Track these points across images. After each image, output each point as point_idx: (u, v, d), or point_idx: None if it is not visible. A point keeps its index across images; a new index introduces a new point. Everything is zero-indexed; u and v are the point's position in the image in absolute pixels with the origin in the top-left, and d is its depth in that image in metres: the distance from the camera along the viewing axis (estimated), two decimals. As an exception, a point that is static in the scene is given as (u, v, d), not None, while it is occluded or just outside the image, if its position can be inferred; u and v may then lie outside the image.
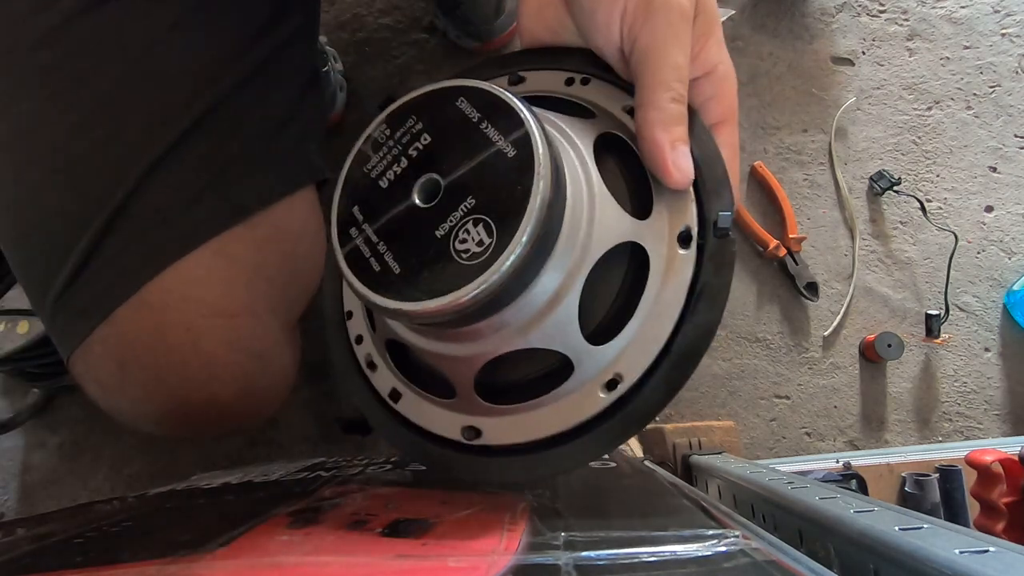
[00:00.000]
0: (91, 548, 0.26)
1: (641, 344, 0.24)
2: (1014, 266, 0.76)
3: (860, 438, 0.73)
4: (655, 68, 0.26)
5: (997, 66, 0.79)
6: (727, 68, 0.29)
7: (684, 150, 0.25)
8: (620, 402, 0.24)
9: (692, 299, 0.24)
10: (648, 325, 0.24)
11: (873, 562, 0.24)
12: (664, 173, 0.25)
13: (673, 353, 0.24)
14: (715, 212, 0.25)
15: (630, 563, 0.19)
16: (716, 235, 0.25)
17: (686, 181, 0.25)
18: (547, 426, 0.25)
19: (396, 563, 0.20)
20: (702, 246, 0.25)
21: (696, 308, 0.24)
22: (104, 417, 0.40)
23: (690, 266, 0.24)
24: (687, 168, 0.25)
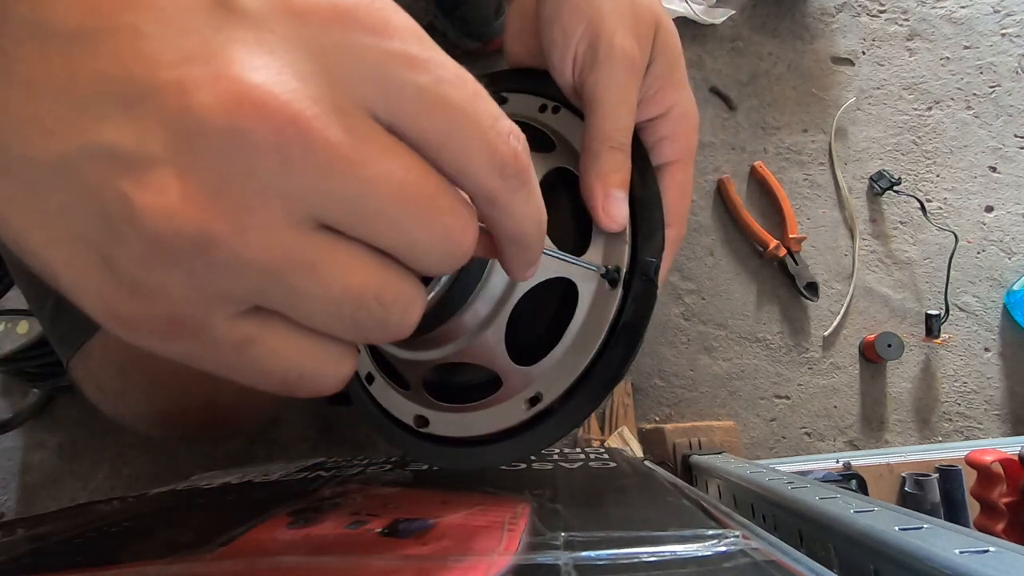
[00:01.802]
0: (91, 548, 0.26)
1: (562, 370, 0.27)
2: (1014, 266, 0.76)
3: (860, 438, 0.73)
4: (597, 117, 0.27)
5: (997, 66, 0.79)
6: (684, 109, 0.30)
7: (618, 196, 0.26)
8: (539, 417, 0.27)
9: (612, 336, 0.26)
10: (570, 354, 0.27)
11: (873, 562, 0.24)
12: (595, 218, 0.27)
13: (588, 382, 0.26)
14: (643, 257, 0.27)
15: (630, 563, 0.19)
16: (641, 279, 0.27)
17: (617, 226, 0.27)
18: (480, 427, 0.28)
19: (396, 563, 0.20)
20: (628, 286, 0.27)
21: (614, 344, 0.26)
22: (104, 418, 0.40)
23: (614, 304, 0.26)
24: (617, 214, 0.26)
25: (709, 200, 0.76)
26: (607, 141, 0.27)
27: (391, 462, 0.42)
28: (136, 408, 0.38)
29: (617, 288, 0.27)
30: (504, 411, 0.28)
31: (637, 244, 0.27)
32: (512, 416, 0.27)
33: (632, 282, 0.27)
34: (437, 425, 0.30)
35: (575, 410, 0.26)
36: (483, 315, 0.27)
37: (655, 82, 0.29)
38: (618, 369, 0.26)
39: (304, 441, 0.72)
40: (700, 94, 0.78)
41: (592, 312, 0.27)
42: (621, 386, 0.71)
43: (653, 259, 0.27)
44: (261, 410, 0.42)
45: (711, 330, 0.74)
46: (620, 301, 0.26)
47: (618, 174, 0.27)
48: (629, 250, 0.27)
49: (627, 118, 0.27)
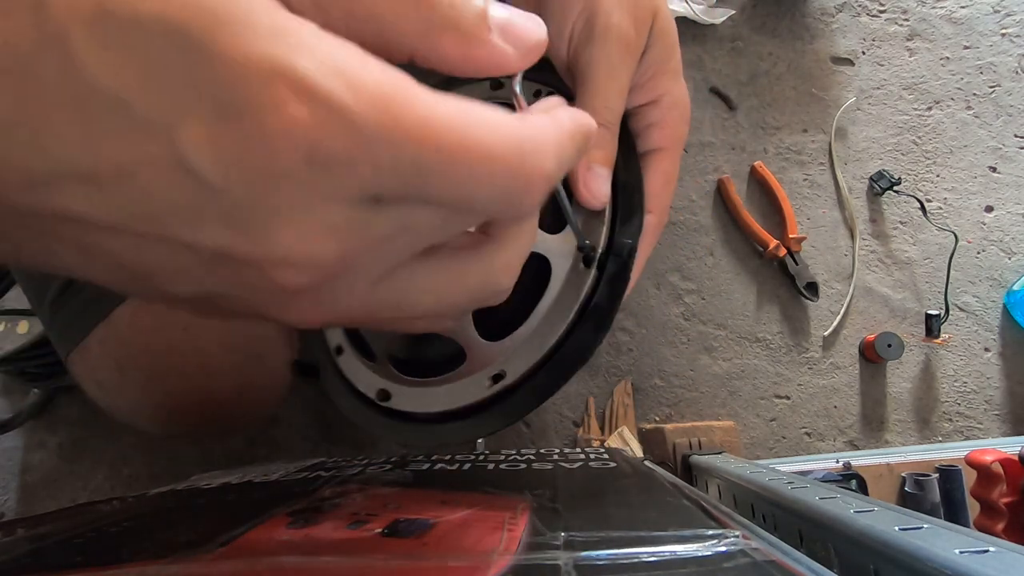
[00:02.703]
0: (91, 548, 0.26)
1: (527, 348, 0.27)
2: (1014, 266, 0.76)
3: (860, 438, 0.73)
4: (586, 92, 0.27)
5: (997, 66, 0.79)
6: (675, 98, 0.30)
7: (600, 173, 0.26)
8: (501, 395, 0.27)
9: (582, 317, 0.26)
10: (538, 332, 0.27)
11: (873, 562, 0.24)
12: (575, 191, 0.27)
13: (553, 362, 0.26)
14: (620, 238, 0.27)
15: (630, 563, 0.19)
16: (615, 260, 0.26)
17: (597, 202, 0.26)
18: (441, 402, 0.28)
19: (396, 563, 0.20)
20: (602, 268, 0.26)
21: (583, 325, 0.26)
22: (104, 417, 0.40)
23: (587, 284, 0.26)
24: (598, 190, 0.26)
25: (709, 200, 0.76)
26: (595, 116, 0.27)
27: (391, 462, 0.42)
28: (134, 403, 0.38)
29: (591, 268, 0.26)
30: (466, 387, 0.28)
31: (615, 226, 0.27)
32: (473, 393, 0.27)
33: (607, 263, 0.26)
34: (399, 399, 0.29)
35: (536, 391, 0.26)
36: None
37: (649, 69, 0.29)
38: (584, 351, 0.26)
39: (304, 441, 0.72)
40: (700, 94, 0.78)
41: (564, 291, 0.27)
42: (621, 386, 0.71)
43: (629, 241, 0.26)
44: (261, 407, 0.42)
45: (711, 330, 0.74)
46: (593, 282, 0.26)
47: (602, 151, 0.27)
48: (607, 231, 0.27)
49: (616, 97, 0.27)
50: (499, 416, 0.27)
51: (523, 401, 0.26)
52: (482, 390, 0.27)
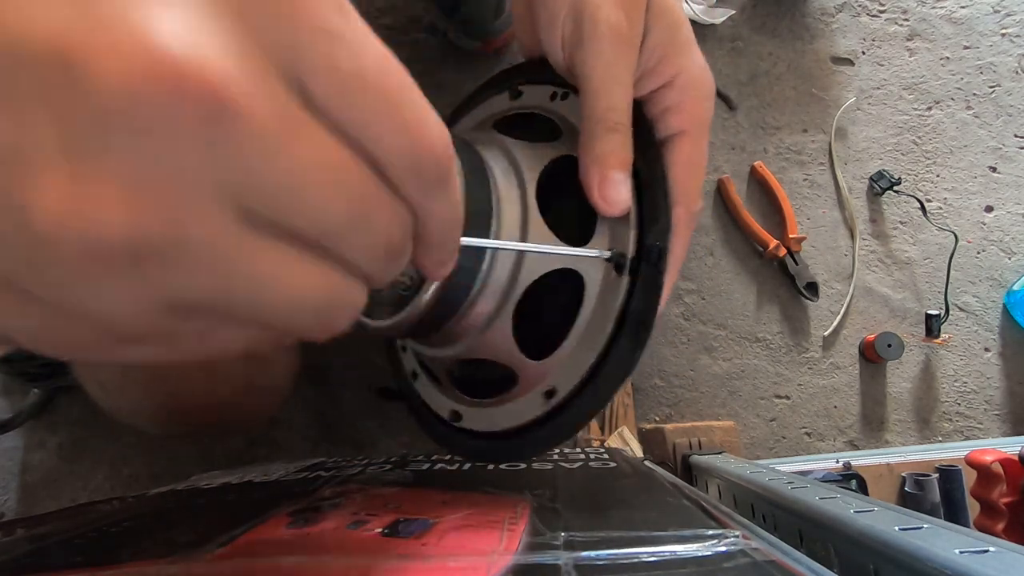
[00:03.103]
0: (91, 548, 0.26)
1: (573, 363, 0.26)
2: (1014, 266, 0.76)
3: (860, 438, 0.73)
4: (588, 97, 0.26)
5: (997, 66, 0.79)
6: (690, 76, 0.27)
7: (616, 178, 0.25)
8: (555, 410, 0.27)
9: (621, 326, 0.26)
10: (581, 345, 0.26)
11: (873, 562, 0.24)
12: (593, 203, 0.26)
13: (600, 374, 0.26)
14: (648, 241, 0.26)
15: (630, 563, 0.19)
16: (645, 263, 0.26)
17: (615, 210, 0.26)
18: (504, 421, 0.28)
19: (396, 563, 0.20)
20: (635, 273, 0.26)
21: (620, 336, 0.26)
22: (104, 417, 0.40)
23: (621, 293, 0.26)
24: (616, 198, 0.25)
25: (709, 200, 0.76)
26: (601, 122, 0.25)
27: (391, 462, 0.42)
28: (136, 404, 0.38)
29: (623, 275, 0.26)
30: (523, 405, 0.28)
31: (643, 228, 0.26)
32: (530, 411, 0.27)
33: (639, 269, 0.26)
34: (469, 420, 0.30)
35: (588, 403, 0.26)
36: (489, 311, 0.27)
37: (655, 51, 0.27)
38: (627, 360, 0.25)
39: (304, 441, 0.72)
40: (700, 94, 0.78)
41: (600, 302, 0.26)
42: (621, 386, 0.71)
43: (657, 243, 0.25)
44: (263, 409, 0.42)
45: (711, 330, 0.74)
46: (627, 289, 0.26)
47: (615, 155, 0.25)
48: (635, 235, 0.26)
49: (620, 96, 0.26)
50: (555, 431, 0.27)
51: (575, 415, 0.26)
52: (537, 407, 0.27)
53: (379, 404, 0.72)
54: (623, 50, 0.26)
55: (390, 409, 0.72)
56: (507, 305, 0.27)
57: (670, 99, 0.28)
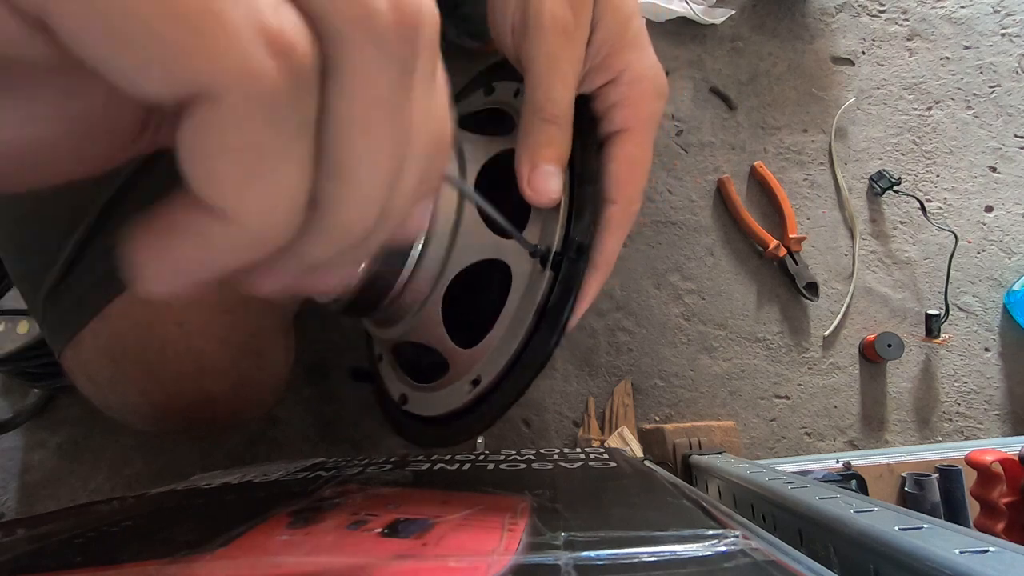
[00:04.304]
0: (91, 548, 0.26)
1: (498, 354, 0.27)
2: (1014, 266, 0.76)
3: (860, 438, 0.73)
4: (528, 88, 0.26)
5: (997, 66, 0.79)
6: (637, 72, 0.27)
7: (547, 170, 0.25)
8: (478, 399, 0.28)
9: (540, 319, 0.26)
10: (505, 337, 0.27)
11: (873, 562, 0.24)
12: (523, 194, 0.26)
13: (519, 365, 0.26)
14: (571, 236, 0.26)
15: (630, 563, 0.19)
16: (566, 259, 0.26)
17: (545, 200, 0.25)
18: (438, 406, 0.29)
19: (396, 563, 0.20)
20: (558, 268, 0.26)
21: (538, 329, 0.26)
22: (104, 417, 0.40)
23: (543, 286, 0.26)
24: (545, 189, 0.25)
25: (709, 200, 0.76)
26: (538, 113, 0.25)
27: (391, 462, 0.42)
28: (128, 399, 0.37)
29: (547, 269, 0.26)
30: (452, 393, 0.29)
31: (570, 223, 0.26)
32: (458, 398, 0.28)
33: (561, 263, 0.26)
34: (414, 403, 0.31)
35: (507, 394, 0.27)
36: (422, 294, 0.28)
37: (602, 46, 0.26)
38: (540, 355, 0.26)
39: (304, 441, 0.72)
40: (700, 94, 0.78)
41: (525, 295, 0.27)
42: (621, 386, 0.71)
43: (578, 238, 0.26)
44: (258, 404, 0.42)
45: (711, 330, 0.74)
46: (549, 283, 0.26)
47: (549, 148, 0.25)
48: (560, 230, 0.26)
49: (560, 88, 0.25)
50: (477, 420, 0.28)
51: (495, 406, 0.27)
52: (463, 395, 0.28)
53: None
54: (566, 43, 0.26)
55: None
56: (437, 290, 0.28)
57: (616, 95, 0.27)
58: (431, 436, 0.30)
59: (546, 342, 0.25)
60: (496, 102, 0.32)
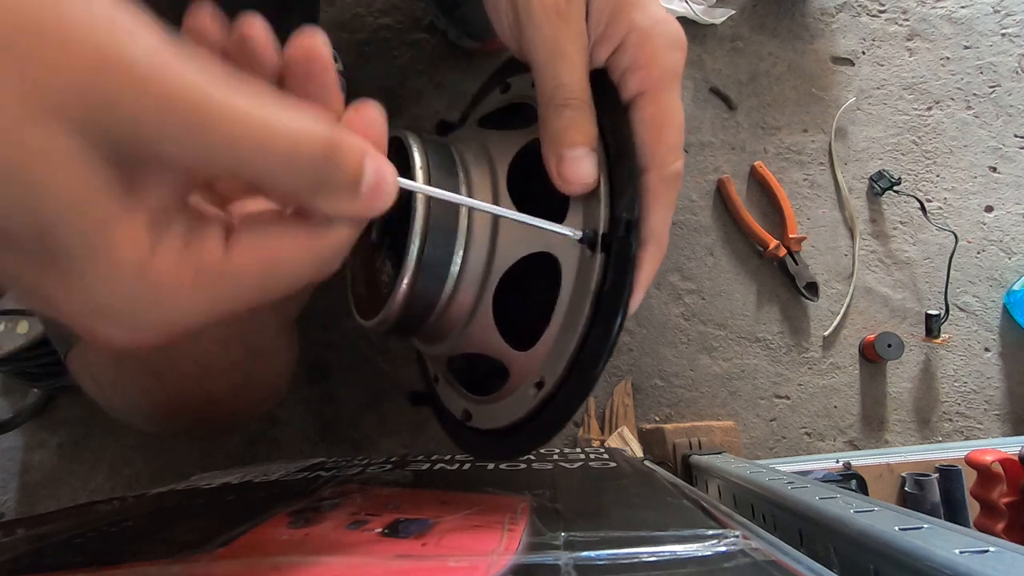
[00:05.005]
0: (91, 548, 0.26)
1: (557, 351, 0.25)
2: (1014, 266, 0.76)
3: (860, 438, 0.73)
4: (536, 79, 0.25)
5: (997, 66, 0.79)
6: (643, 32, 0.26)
7: (573, 155, 0.24)
8: (544, 402, 0.26)
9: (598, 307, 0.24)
10: (562, 332, 0.25)
11: (873, 562, 0.24)
12: (556, 185, 0.25)
13: (580, 361, 0.25)
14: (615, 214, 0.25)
15: (630, 563, 0.19)
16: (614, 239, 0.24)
17: (577, 187, 0.25)
18: (505, 416, 0.28)
19: (396, 563, 0.20)
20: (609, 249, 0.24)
21: (595, 318, 0.24)
22: (104, 417, 0.40)
23: (597, 271, 0.24)
24: (576, 175, 0.24)
25: (709, 200, 0.76)
26: (551, 100, 0.25)
27: (391, 462, 0.42)
28: (131, 400, 0.37)
29: (597, 253, 0.24)
30: (518, 399, 0.27)
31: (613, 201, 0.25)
32: (524, 404, 0.26)
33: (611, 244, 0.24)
34: (478, 418, 0.29)
35: (574, 392, 0.25)
36: (468, 302, 0.27)
37: (601, 15, 0.26)
38: (600, 344, 0.24)
39: (304, 441, 0.72)
40: (700, 94, 0.78)
41: (578, 284, 0.25)
42: (621, 386, 0.71)
43: (624, 215, 0.24)
44: (260, 405, 0.42)
45: (711, 330, 0.74)
46: (602, 267, 0.24)
47: (568, 132, 0.24)
48: (605, 210, 0.25)
49: (567, 71, 0.25)
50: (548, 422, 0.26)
51: (564, 404, 0.25)
52: (529, 400, 0.26)
53: (379, 403, 0.72)
54: (562, 23, 0.25)
55: (389, 409, 0.72)
56: (485, 295, 0.27)
57: (626, 60, 0.26)
58: (502, 449, 0.29)
59: (608, 329, 0.24)
60: (515, 97, 0.32)
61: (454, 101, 0.76)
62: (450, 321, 0.27)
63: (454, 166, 0.27)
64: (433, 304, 0.26)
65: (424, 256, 0.25)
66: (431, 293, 0.26)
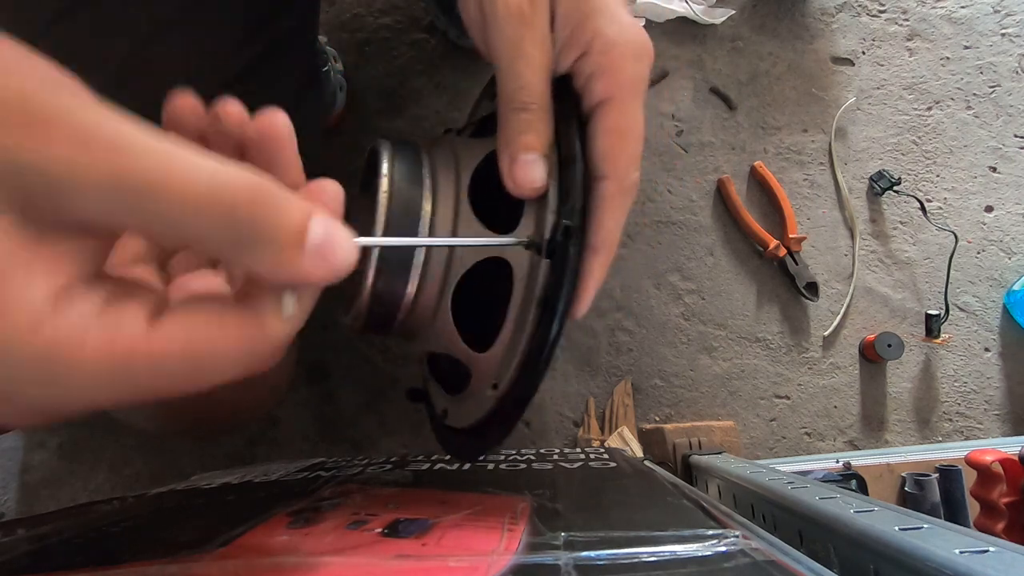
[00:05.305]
0: (91, 548, 0.26)
1: (510, 353, 0.26)
2: (1014, 266, 0.76)
3: (860, 438, 0.73)
4: (497, 77, 0.25)
5: (997, 66, 0.79)
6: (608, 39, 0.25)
7: (527, 159, 0.25)
8: (499, 403, 0.27)
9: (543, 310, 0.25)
10: (514, 335, 0.26)
11: (873, 562, 0.24)
12: (507, 188, 0.25)
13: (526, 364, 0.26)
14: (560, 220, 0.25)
15: (630, 563, 0.19)
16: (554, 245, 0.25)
17: (528, 191, 0.25)
18: (470, 416, 0.29)
19: (396, 563, 0.20)
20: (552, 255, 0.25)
21: (540, 321, 0.25)
22: (105, 417, 0.40)
23: (543, 276, 0.25)
24: (526, 179, 0.25)
25: (709, 200, 0.76)
26: (509, 103, 0.25)
27: (391, 462, 0.42)
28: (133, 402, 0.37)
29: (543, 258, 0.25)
30: (480, 399, 0.28)
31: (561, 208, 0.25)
32: (484, 404, 0.27)
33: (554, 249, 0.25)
34: (453, 416, 0.30)
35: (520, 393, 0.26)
36: (431, 302, 0.28)
37: (567, 20, 0.25)
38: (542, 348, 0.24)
39: (304, 441, 0.72)
40: (700, 94, 0.78)
41: (527, 288, 0.26)
42: (621, 386, 0.71)
43: (565, 221, 0.24)
44: (260, 406, 0.42)
45: (711, 330, 0.74)
46: (546, 272, 0.25)
47: (525, 136, 0.25)
48: (553, 216, 0.25)
49: (527, 73, 0.25)
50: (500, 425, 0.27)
51: (512, 407, 0.26)
52: (487, 401, 0.27)
53: (378, 403, 0.72)
54: (525, 28, 0.25)
55: (389, 409, 0.72)
56: (445, 296, 0.28)
57: (590, 66, 0.26)
58: (469, 447, 0.30)
59: (545, 333, 0.25)
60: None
61: (454, 101, 0.76)
62: (418, 319, 0.28)
63: (420, 174, 0.28)
64: (399, 301, 0.27)
65: (384, 255, 0.26)
66: (396, 290, 0.27)
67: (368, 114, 0.75)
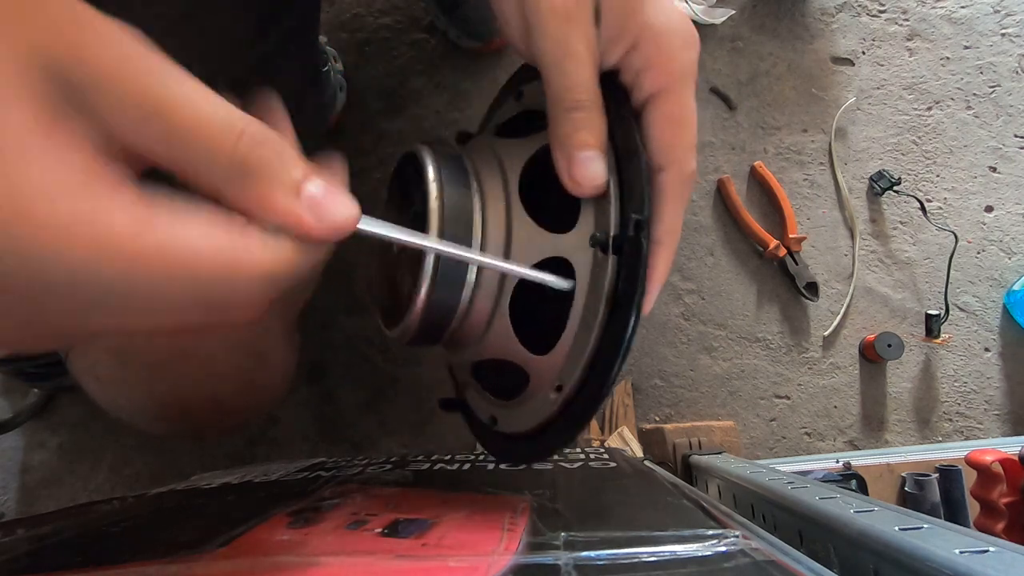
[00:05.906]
0: (91, 548, 0.26)
1: (574, 354, 0.26)
2: (1014, 266, 0.76)
3: (860, 438, 0.73)
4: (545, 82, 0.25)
5: (997, 66, 0.79)
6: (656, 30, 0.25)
7: (584, 157, 0.24)
8: (565, 406, 0.26)
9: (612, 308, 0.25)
10: (578, 336, 0.26)
11: (873, 562, 0.24)
12: (567, 188, 0.25)
13: (597, 364, 0.25)
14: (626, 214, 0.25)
15: (630, 563, 0.19)
16: (625, 239, 0.24)
17: (589, 190, 0.25)
18: (528, 420, 0.28)
19: (396, 563, 0.20)
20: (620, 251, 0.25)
21: (610, 319, 0.25)
22: (105, 418, 0.40)
23: (610, 273, 0.25)
24: (586, 177, 0.24)
25: (709, 200, 0.76)
26: (560, 103, 0.25)
27: (391, 462, 0.42)
28: (136, 400, 0.37)
29: (609, 255, 0.25)
30: (539, 403, 0.27)
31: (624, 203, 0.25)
32: (546, 408, 0.27)
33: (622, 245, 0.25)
34: (503, 422, 0.30)
35: (592, 394, 0.25)
36: (486, 309, 0.27)
37: (612, 15, 0.25)
38: (615, 345, 0.24)
39: (304, 441, 0.72)
40: (700, 94, 0.78)
41: (592, 285, 0.25)
42: (621, 386, 0.71)
43: (634, 215, 0.24)
44: (262, 405, 0.42)
45: (711, 330, 0.74)
46: (615, 268, 0.25)
47: (579, 134, 0.24)
48: (615, 211, 0.25)
49: (576, 72, 0.25)
50: (567, 427, 0.26)
51: (583, 407, 0.26)
52: (549, 405, 0.26)
53: (378, 403, 0.72)
54: (570, 25, 0.25)
55: (389, 409, 0.72)
56: (502, 302, 0.27)
57: (639, 60, 0.26)
58: (526, 452, 0.29)
59: (623, 331, 0.24)
60: (528, 104, 0.32)
61: (454, 101, 0.76)
62: (470, 329, 0.28)
63: (467, 178, 0.27)
64: (452, 313, 0.27)
65: (440, 266, 0.25)
66: (449, 302, 0.26)
67: (368, 114, 0.75)
